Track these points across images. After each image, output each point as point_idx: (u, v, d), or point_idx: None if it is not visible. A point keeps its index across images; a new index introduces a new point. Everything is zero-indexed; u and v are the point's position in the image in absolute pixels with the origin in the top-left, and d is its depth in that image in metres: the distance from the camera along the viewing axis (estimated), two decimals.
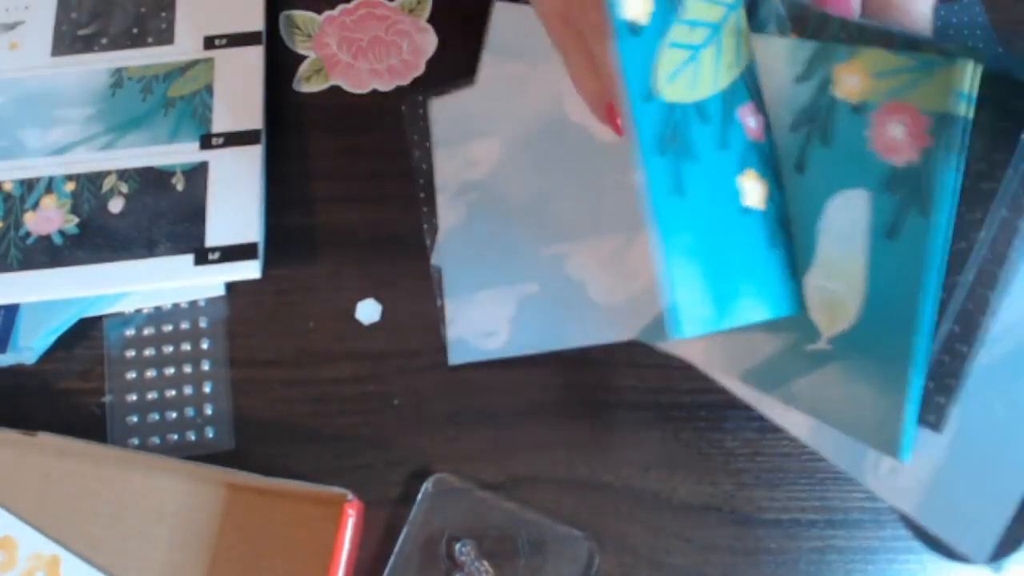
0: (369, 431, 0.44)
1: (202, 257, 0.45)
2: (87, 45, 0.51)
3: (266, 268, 0.46)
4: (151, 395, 0.45)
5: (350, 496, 0.39)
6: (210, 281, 0.46)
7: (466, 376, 0.45)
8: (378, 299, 0.47)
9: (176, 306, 0.46)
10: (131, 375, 0.45)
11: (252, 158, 0.48)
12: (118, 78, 0.50)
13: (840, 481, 0.43)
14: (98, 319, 0.46)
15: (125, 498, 0.42)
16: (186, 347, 0.46)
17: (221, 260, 0.45)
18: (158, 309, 0.46)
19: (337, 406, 0.45)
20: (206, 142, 0.48)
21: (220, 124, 0.49)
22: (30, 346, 0.45)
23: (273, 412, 0.44)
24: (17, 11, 0.52)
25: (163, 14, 0.52)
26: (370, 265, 0.47)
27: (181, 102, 0.49)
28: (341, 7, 0.54)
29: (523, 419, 0.44)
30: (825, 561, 0.42)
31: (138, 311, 0.46)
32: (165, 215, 0.46)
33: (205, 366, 0.45)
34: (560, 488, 0.43)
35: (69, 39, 0.51)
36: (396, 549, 0.41)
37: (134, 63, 0.51)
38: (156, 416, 0.44)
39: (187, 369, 0.45)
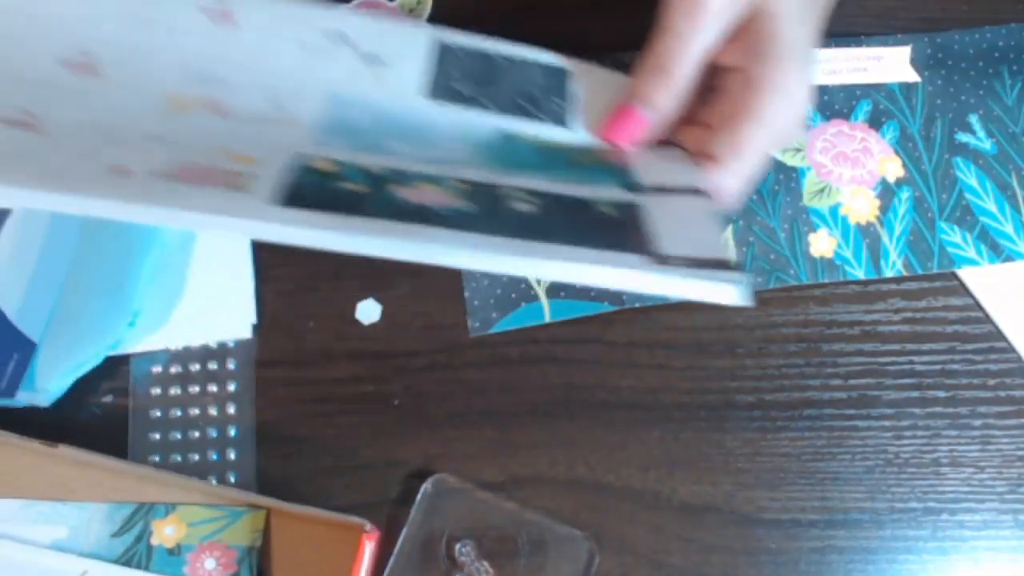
0: (369, 431, 0.44)
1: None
2: None
3: (267, 268, 0.46)
4: (174, 412, 0.44)
5: (368, 527, 0.39)
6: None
7: (466, 376, 0.45)
8: (378, 299, 0.47)
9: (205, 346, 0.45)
10: (155, 414, 0.44)
11: None
12: None
13: (840, 481, 0.43)
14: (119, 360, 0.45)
15: None
16: (213, 388, 0.44)
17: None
18: (187, 348, 0.45)
19: (337, 406, 0.45)
20: None
21: None
22: (46, 387, 0.42)
23: (273, 412, 0.44)
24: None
25: None
26: (370, 265, 0.47)
27: None
28: None
29: (523, 419, 0.44)
30: (825, 561, 0.42)
31: (165, 349, 0.45)
32: None
33: (230, 386, 0.45)
34: (560, 488, 0.43)
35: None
36: (396, 549, 0.41)
37: None
38: (178, 435, 0.44)
39: (212, 412, 0.44)
